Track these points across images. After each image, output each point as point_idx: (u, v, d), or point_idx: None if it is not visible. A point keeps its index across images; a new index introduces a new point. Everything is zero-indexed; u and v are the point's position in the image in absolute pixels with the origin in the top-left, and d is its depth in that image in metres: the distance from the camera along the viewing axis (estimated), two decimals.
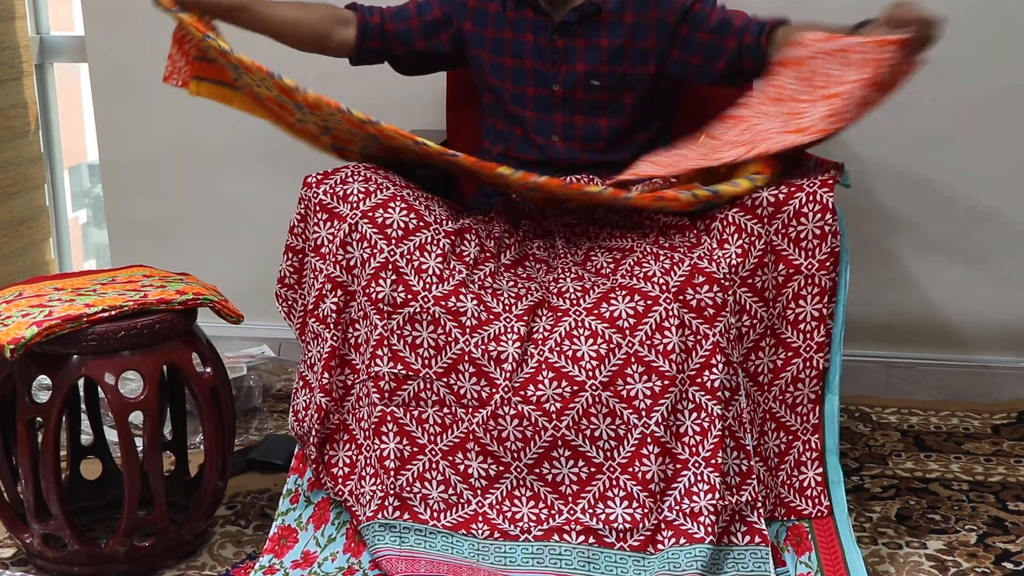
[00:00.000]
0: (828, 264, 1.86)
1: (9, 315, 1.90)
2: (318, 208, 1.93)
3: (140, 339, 1.92)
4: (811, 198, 1.85)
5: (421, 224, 1.91)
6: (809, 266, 1.87)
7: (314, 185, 1.95)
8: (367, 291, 1.88)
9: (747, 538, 1.81)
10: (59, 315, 1.87)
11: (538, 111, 2.26)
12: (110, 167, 3.08)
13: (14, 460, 2.01)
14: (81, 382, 2.06)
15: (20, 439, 1.92)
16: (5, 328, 1.86)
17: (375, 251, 1.88)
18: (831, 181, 1.87)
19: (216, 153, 2.98)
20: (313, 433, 1.93)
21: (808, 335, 1.88)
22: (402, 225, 1.90)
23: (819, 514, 1.89)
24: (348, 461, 1.94)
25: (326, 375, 1.92)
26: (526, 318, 1.87)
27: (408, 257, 1.88)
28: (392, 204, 1.91)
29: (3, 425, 2.01)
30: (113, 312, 1.91)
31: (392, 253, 1.88)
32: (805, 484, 1.90)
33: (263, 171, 2.85)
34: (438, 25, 2.31)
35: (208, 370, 2.01)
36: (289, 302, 2.03)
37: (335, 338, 1.92)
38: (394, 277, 1.87)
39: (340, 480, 1.94)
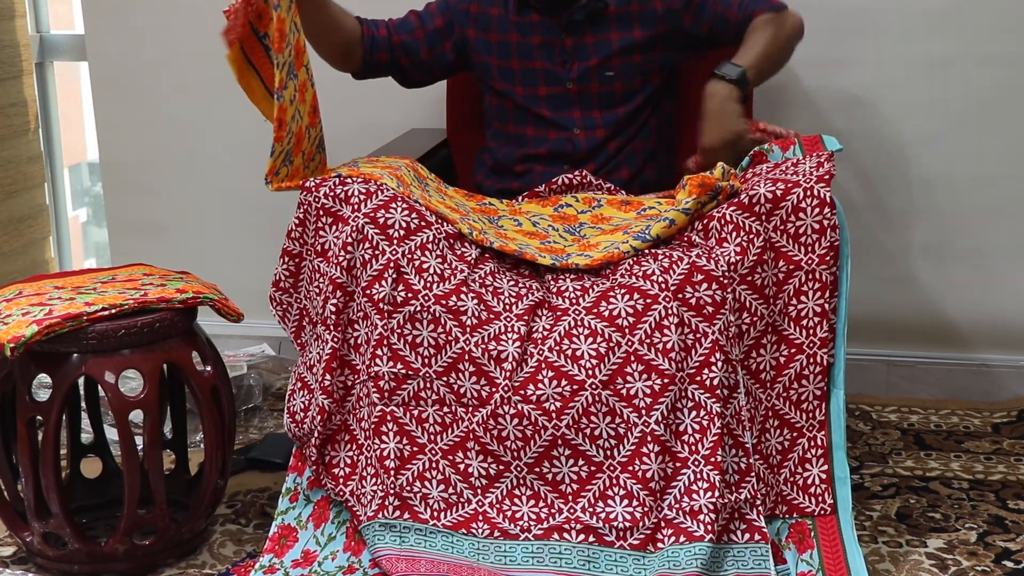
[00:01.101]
0: (828, 259, 1.86)
1: (9, 313, 1.90)
2: (320, 212, 1.92)
3: (140, 337, 1.92)
4: (808, 193, 1.85)
5: (423, 224, 1.91)
6: (809, 261, 1.87)
7: (313, 189, 1.93)
8: (367, 291, 1.87)
9: (746, 536, 1.81)
10: (59, 313, 1.87)
11: (554, 109, 2.28)
12: (110, 166, 3.08)
13: (14, 459, 2.01)
14: (81, 380, 2.06)
15: (20, 438, 1.92)
16: (5, 326, 1.86)
17: (377, 252, 1.88)
18: (827, 176, 1.87)
19: (216, 152, 2.98)
20: (315, 435, 1.92)
21: (811, 331, 1.88)
22: (404, 225, 1.89)
23: (822, 512, 1.88)
24: (349, 461, 1.94)
25: (327, 376, 1.92)
26: (526, 317, 1.86)
27: (409, 256, 1.88)
28: (393, 205, 1.90)
29: (3, 423, 2.00)
30: (113, 310, 1.90)
31: (394, 253, 1.87)
32: (809, 481, 1.89)
33: (263, 170, 2.84)
34: (440, 34, 2.33)
35: (208, 368, 2.01)
36: (284, 306, 2.02)
37: (335, 339, 1.91)
38: (395, 276, 1.87)
39: (341, 481, 1.93)
